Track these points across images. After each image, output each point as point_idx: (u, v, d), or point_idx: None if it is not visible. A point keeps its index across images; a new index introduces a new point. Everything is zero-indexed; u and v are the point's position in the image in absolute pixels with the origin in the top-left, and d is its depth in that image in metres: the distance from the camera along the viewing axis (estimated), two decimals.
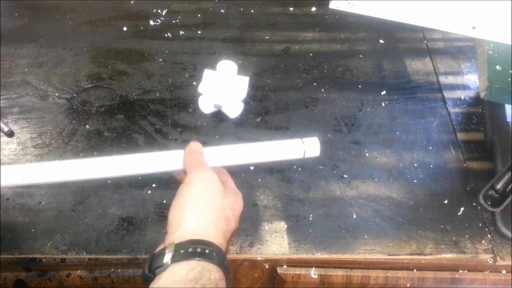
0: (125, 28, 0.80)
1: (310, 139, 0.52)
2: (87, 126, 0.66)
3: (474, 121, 0.71)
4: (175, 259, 0.40)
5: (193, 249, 0.40)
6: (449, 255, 0.57)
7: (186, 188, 0.45)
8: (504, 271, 0.60)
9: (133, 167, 0.50)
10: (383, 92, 0.73)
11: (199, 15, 0.83)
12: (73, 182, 0.49)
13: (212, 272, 0.40)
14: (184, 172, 0.49)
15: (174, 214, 0.44)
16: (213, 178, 0.47)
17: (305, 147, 0.52)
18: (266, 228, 0.58)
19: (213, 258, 0.40)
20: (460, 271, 0.61)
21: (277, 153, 0.52)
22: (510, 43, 0.53)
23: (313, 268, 0.59)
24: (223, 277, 0.41)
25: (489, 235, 0.59)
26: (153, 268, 0.40)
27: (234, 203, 0.48)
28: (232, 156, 0.52)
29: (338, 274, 0.59)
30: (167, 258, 0.40)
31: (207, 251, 0.40)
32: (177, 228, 0.43)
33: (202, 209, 0.44)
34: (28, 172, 0.48)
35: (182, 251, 0.40)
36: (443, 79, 0.76)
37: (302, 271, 0.59)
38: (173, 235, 0.43)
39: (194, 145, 0.51)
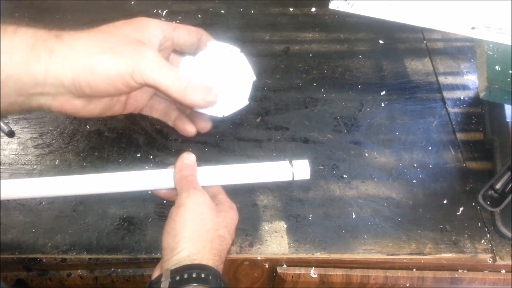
0: None
1: (300, 162, 0.54)
2: (88, 126, 0.66)
3: (473, 121, 0.71)
4: (171, 286, 0.40)
5: (189, 275, 0.40)
6: (449, 255, 0.57)
7: (178, 212, 0.45)
8: (503, 271, 0.60)
9: (123, 185, 0.51)
10: (383, 92, 0.73)
11: (199, 16, 0.83)
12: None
13: None
14: (176, 190, 0.49)
15: (168, 241, 0.44)
16: (204, 199, 0.47)
17: (293, 169, 0.53)
18: (266, 228, 0.58)
19: (209, 282, 0.41)
20: (459, 271, 0.61)
21: (265, 175, 0.54)
22: (509, 43, 0.53)
23: (313, 267, 0.59)
24: None
25: (488, 235, 0.59)
26: None
27: (227, 219, 0.48)
28: (219, 177, 0.52)
29: (337, 273, 0.59)
30: (164, 286, 0.40)
31: (203, 275, 0.41)
32: (172, 254, 0.43)
33: (196, 233, 0.44)
34: (19, 187, 0.50)
35: (178, 277, 0.40)
36: (442, 79, 0.76)
37: (302, 270, 0.59)
38: (168, 261, 0.43)
39: (186, 157, 0.50)
